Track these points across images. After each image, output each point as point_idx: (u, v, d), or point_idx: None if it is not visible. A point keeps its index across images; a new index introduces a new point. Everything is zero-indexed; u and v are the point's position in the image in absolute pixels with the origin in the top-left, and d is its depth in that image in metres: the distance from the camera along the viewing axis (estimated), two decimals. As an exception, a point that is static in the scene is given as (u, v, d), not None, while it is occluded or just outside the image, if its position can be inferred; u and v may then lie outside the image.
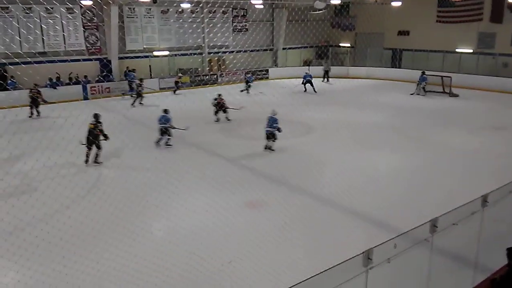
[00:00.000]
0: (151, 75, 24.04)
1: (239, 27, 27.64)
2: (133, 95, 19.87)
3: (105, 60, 22.62)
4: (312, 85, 22.26)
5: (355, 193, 9.20)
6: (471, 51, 23.87)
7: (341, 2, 24.43)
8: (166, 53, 24.43)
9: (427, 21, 24.96)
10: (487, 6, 22.77)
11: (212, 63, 26.52)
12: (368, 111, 17.44)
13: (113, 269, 6.15)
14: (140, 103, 19.42)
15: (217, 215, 7.73)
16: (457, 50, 24.26)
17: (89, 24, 22.19)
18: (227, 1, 21.67)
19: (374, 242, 4.15)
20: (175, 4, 22.50)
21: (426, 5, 24.98)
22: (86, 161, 11.30)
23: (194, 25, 24.58)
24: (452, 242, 5.11)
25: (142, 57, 23.66)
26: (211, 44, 26.22)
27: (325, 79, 25.86)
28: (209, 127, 15.35)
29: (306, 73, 23.09)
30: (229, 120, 16.16)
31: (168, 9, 24.13)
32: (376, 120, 16.17)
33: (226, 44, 26.64)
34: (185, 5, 23.07)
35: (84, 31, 21.99)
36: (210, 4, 23.72)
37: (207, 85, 23.54)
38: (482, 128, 14.74)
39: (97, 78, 22.25)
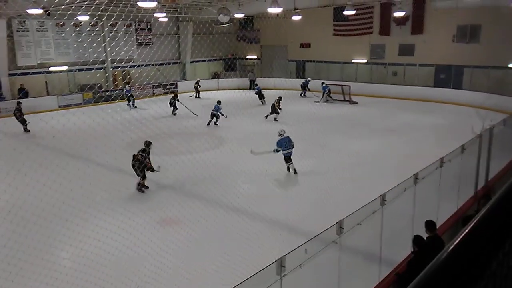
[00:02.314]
0: (47, 92, 22.27)
1: (144, 41, 26.90)
2: None
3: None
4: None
5: (267, 201, 9.35)
6: (365, 61, 25.96)
7: (244, 16, 24.99)
8: (64, 68, 22.82)
9: (325, 34, 26.64)
10: (376, 20, 24.99)
11: (116, 78, 25.37)
12: (280, 121, 17.99)
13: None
14: None
15: (129, 237, 7.29)
16: (353, 61, 26.22)
17: (-28, 38, 19.98)
18: (128, 14, 20.86)
19: (288, 249, 4.21)
20: (67, 17, 20.79)
21: (323, 19, 26.62)
22: None
23: (95, 39, 23.19)
24: (358, 241, 5.40)
25: (35, 73, 21.82)
26: (115, 58, 24.98)
27: (252, 88, 26.39)
28: (116, 144, 14.54)
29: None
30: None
31: (64, 22, 22.59)
32: (287, 129, 16.56)
33: (131, 58, 25.64)
34: (83, 18, 21.64)
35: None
36: (112, 17, 22.64)
37: (114, 101, 22.29)
38: (378, 132, 15.98)
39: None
